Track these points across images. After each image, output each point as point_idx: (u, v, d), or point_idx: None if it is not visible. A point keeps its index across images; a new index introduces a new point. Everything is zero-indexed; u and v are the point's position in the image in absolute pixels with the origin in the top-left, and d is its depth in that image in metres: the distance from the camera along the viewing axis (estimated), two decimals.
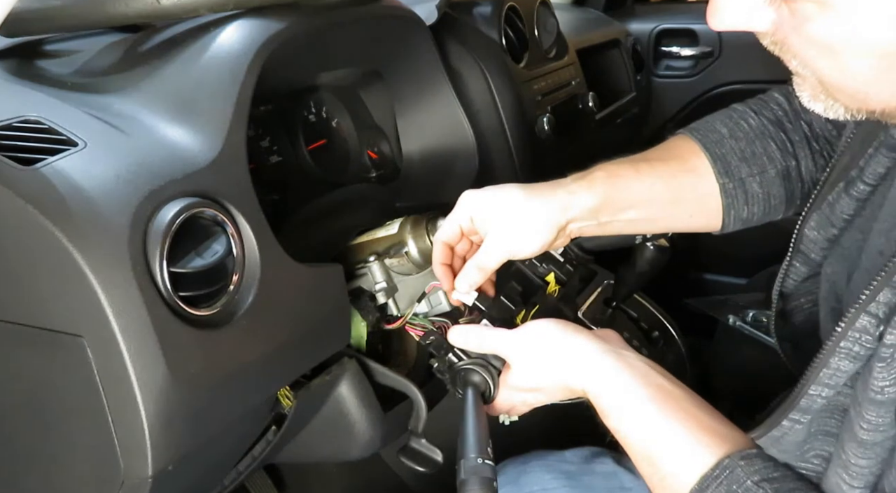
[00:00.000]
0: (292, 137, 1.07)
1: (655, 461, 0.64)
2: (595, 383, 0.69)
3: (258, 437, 0.83)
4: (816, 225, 0.75)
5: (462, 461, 0.65)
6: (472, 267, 0.78)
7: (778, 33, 0.54)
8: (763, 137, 0.83)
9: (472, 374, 0.75)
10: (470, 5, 1.26)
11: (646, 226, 0.87)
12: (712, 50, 1.84)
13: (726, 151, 0.82)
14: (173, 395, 0.62)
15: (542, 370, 0.73)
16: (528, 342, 0.73)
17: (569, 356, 0.71)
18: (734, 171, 0.82)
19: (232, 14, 0.81)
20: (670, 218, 0.84)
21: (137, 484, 0.64)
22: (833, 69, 0.51)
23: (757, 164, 0.82)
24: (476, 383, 0.75)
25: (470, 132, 1.10)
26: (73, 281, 0.59)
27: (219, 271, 0.66)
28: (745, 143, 0.83)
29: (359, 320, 0.87)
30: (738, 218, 0.84)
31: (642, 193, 0.81)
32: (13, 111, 0.68)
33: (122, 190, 0.62)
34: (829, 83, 0.53)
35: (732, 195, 0.82)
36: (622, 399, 0.67)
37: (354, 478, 1.37)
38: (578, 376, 0.70)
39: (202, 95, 0.73)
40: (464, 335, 0.76)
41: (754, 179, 0.82)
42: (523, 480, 0.90)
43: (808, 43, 0.51)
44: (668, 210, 0.83)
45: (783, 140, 0.83)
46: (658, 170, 0.82)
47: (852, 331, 0.53)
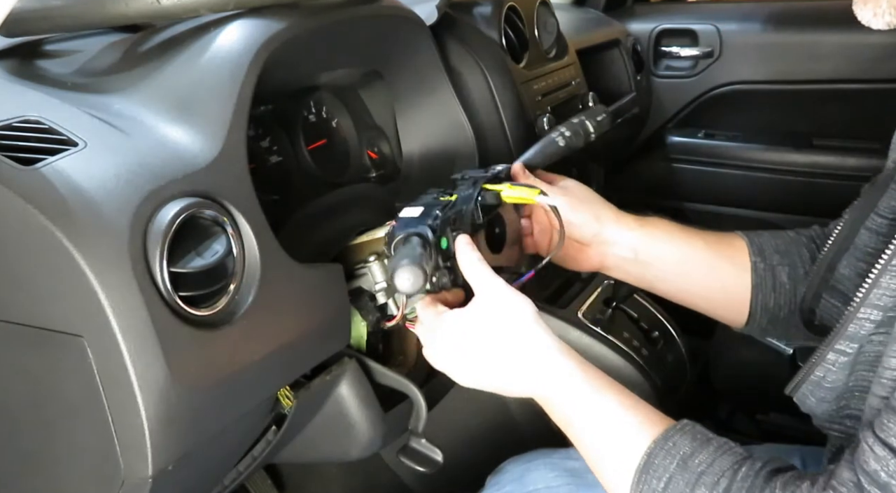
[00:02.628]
0: (292, 137, 1.07)
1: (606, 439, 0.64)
2: (553, 383, 0.68)
3: (258, 437, 0.83)
4: (848, 262, 0.75)
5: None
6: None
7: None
8: (798, 243, 0.88)
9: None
10: (470, 5, 1.26)
11: (678, 286, 0.89)
12: (712, 50, 1.84)
13: (764, 240, 0.88)
14: (173, 395, 0.62)
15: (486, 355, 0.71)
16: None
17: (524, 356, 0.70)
18: (767, 256, 0.87)
19: (232, 14, 0.81)
20: (703, 286, 0.87)
21: (137, 484, 0.64)
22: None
23: (788, 258, 0.87)
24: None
25: (470, 132, 1.10)
26: (73, 281, 0.59)
27: (219, 271, 0.66)
28: (781, 241, 0.88)
29: (359, 320, 0.87)
30: (765, 307, 0.86)
31: (682, 241, 0.87)
32: (13, 111, 0.68)
33: (122, 190, 0.62)
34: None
35: (762, 276, 0.86)
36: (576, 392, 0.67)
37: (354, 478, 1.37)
38: (536, 377, 0.69)
39: (202, 95, 0.73)
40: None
41: (784, 270, 0.86)
42: (527, 478, 0.90)
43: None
44: (702, 272, 0.86)
45: (814, 250, 0.88)
46: (700, 233, 0.88)
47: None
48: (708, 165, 1.90)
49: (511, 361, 0.69)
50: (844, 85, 1.71)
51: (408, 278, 0.68)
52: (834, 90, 1.73)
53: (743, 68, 1.81)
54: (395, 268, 0.68)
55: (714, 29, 1.84)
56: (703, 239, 0.88)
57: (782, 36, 1.78)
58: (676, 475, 0.57)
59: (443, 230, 0.75)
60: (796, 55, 1.74)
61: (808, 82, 1.74)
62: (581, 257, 0.89)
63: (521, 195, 0.78)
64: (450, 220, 0.76)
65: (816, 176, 1.76)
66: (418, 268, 0.68)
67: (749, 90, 1.83)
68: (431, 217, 0.75)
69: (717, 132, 1.92)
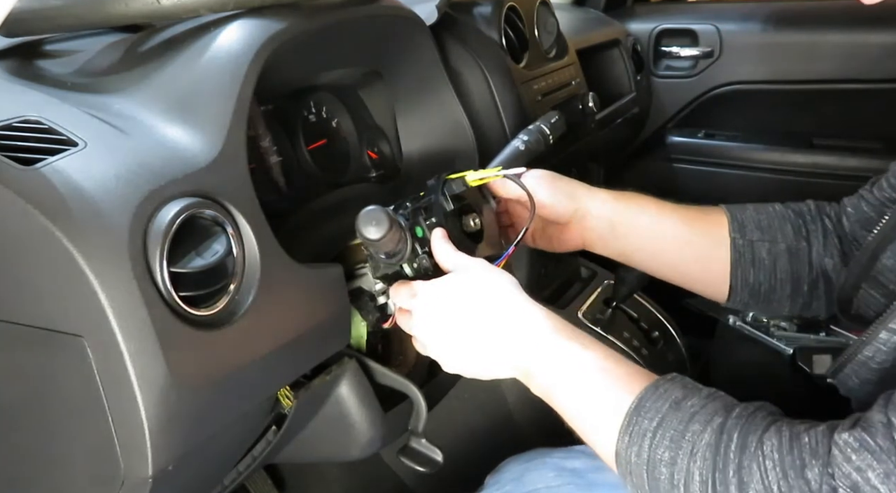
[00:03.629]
0: (292, 137, 1.07)
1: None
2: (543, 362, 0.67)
3: (258, 437, 0.83)
4: (892, 253, 0.73)
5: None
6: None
7: None
8: (782, 218, 0.88)
9: None
10: (470, 5, 1.26)
11: (656, 258, 0.90)
12: (712, 50, 1.84)
13: (746, 217, 0.87)
14: (173, 395, 0.62)
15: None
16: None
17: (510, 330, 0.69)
18: (747, 232, 0.86)
19: (232, 14, 0.81)
20: (679, 258, 0.88)
21: (137, 484, 0.64)
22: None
23: (769, 233, 0.86)
24: None
25: (470, 132, 1.10)
26: (73, 281, 0.59)
27: (219, 271, 0.66)
28: (764, 216, 0.88)
29: (359, 320, 0.87)
30: (745, 281, 0.86)
31: (656, 214, 0.87)
32: (13, 111, 0.68)
33: (123, 190, 0.62)
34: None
35: (740, 252, 0.86)
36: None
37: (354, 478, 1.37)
38: (523, 353, 0.68)
39: (202, 95, 0.73)
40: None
41: (763, 245, 0.86)
42: (527, 478, 0.90)
43: None
44: (678, 245, 0.87)
45: (799, 225, 0.87)
46: (678, 209, 0.88)
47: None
48: (708, 165, 1.90)
49: (492, 324, 0.69)
50: (844, 85, 1.71)
51: (371, 219, 0.70)
52: (834, 90, 1.73)
53: (743, 68, 1.81)
54: (358, 216, 0.71)
55: (714, 29, 1.84)
56: (678, 213, 0.88)
57: (782, 36, 1.78)
58: (669, 414, 0.56)
59: (415, 219, 0.78)
60: (796, 55, 1.74)
61: (808, 82, 1.74)
62: (563, 237, 0.90)
63: (485, 176, 0.81)
64: (420, 209, 0.78)
65: (816, 176, 1.76)
66: (381, 212, 0.70)
67: (749, 90, 1.83)
68: (402, 208, 0.79)
69: (717, 132, 1.92)
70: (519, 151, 0.91)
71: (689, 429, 0.54)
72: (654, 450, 0.55)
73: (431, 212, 0.78)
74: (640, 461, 0.56)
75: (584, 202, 0.88)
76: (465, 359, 0.72)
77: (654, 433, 0.56)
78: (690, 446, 0.53)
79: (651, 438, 0.56)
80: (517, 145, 0.91)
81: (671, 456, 0.54)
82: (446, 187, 0.80)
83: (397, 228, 0.72)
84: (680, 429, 0.55)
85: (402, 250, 0.76)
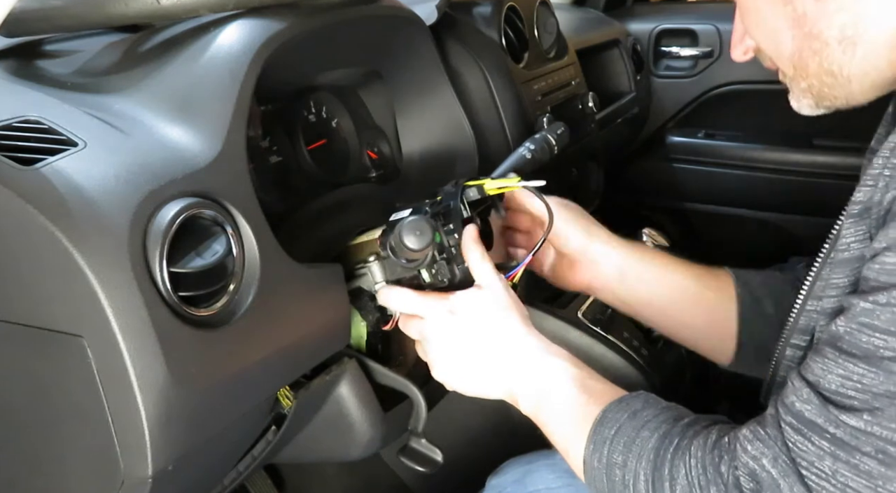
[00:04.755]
0: (292, 137, 1.07)
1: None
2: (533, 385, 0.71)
3: (258, 437, 0.83)
4: None
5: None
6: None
7: None
8: (784, 281, 0.87)
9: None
10: (470, 5, 1.26)
11: (664, 313, 0.89)
12: (712, 50, 1.84)
13: (750, 277, 0.87)
14: (173, 395, 0.62)
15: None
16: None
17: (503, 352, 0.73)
18: (753, 289, 0.86)
19: (232, 14, 0.81)
20: (688, 313, 0.87)
21: (137, 484, 0.64)
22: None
23: (774, 291, 0.86)
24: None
25: (470, 132, 1.09)
26: (72, 281, 0.59)
27: (219, 271, 0.66)
28: (767, 277, 0.88)
29: (359, 320, 0.87)
30: (752, 337, 0.85)
31: (668, 266, 0.87)
32: (13, 111, 0.68)
33: (122, 190, 0.62)
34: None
35: (748, 307, 0.85)
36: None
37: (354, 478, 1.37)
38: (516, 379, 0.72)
39: (202, 95, 0.73)
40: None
41: (770, 301, 0.85)
42: (528, 479, 0.90)
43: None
44: (688, 299, 0.86)
45: (799, 287, 0.88)
46: (686, 264, 0.88)
47: None
48: (708, 165, 1.90)
49: (492, 350, 0.73)
50: None
51: (416, 229, 0.71)
52: None
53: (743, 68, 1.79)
54: (402, 224, 0.71)
55: (714, 29, 1.84)
56: (688, 267, 0.88)
57: None
58: (626, 423, 0.60)
59: (433, 226, 0.77)
60: None
61: None
62: (570, 274, 0.90)
63: (504, 186, 0.80)
64: (438, 215, 0.78)
65: (816, 176, 1.76)
66: (425, 222, 0.71)
67: (749, 90, 1.83)
68: (420, 213, 0.78)
69: (717, 132, 1.92)
70: (525, 159, 0.91)
71: (640, 435, 0.59)
72: (611, 455, 0.60)
73: (449, 218, 0.77)
74: (600, 466, 0.61)
75: (596, 243, 0.88)
76: (459, 374, 0.76)
77: (611, 440, 0.60)
78: (639, 450, 0.58)
79: (609, 444, 0.60)
80: (523, 153, 0.91)
81: (623, 459, 0.59)
82: (464, 194, 0.79)
83: None
84: (632, 436, 0.59)
85: (423, 256, 0.76)
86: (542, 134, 0.95)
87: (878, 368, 0.47)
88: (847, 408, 0.48)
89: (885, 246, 0.49)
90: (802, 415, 0.50)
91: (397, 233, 0.72)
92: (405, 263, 0.76)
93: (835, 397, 0.49)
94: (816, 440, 0.49)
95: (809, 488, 0.48)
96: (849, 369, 0.49)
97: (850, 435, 0.47)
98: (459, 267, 0.77)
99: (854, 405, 0.48)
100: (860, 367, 0.48)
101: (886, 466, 0.46)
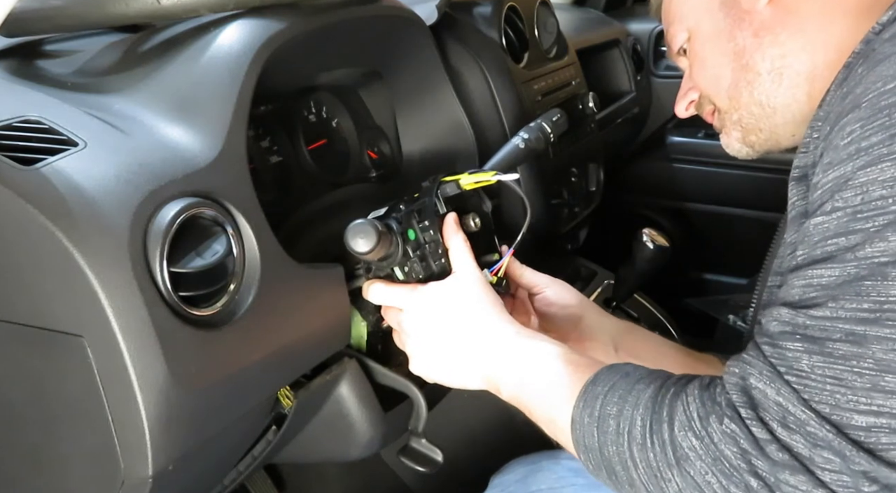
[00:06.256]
0: (292, 137, 1.07)
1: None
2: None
3: (258, 437, 0.83)
4: None
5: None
6: None
7: None
8: None
9: None
10: (470, 5, 1.26)
11: None
12: None
13: None
14: (173, 395, 0.62)
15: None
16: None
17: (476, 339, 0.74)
18: None
19: (232, 14, 0.81)
20: None
21: (138, 484, 0.64)
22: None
23: None
24: None
25: (470, 132, 1.10)
26: (73, 281, 0.59)
27: (219, 271, 0.66)
28: None
29: (359, 320, 0.87)
30: None
31: (659, 341, 0.89)
32: (13, 111, 0.68)
33: (123, 190, 0.62)
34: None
35: None
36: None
37: (354, 478, 1.37)
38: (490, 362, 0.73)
39: (202, 95, 0.73)
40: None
41: None
42: (532, 479, 0.90)
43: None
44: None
45: None
46: (677, 346, 0.90)
47: None
48: (708, 165, 1.90)
49: (466, 339, 0.73)
50: None
51: (359, 232, 0.72)
52: None
53: None
54: (346, 229, 0.73)
55: None
56: (677, 347, 0.89)
57: None
58: (619, 380, 0.61)
59: (408, 222, 0.78)
60: None
61: None
62: None
63: (479, 180, 0.80)
64: (413, 212, 0.78)
65: None
66: (369, 225, 0.72)
67: None
68: (395, 211, 0.80)
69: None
70: (518, 149, 0.90)
71: (636, 388, 0.60)
72: (604, 407, 0.60)
73: (424, 215, 0.78)
74: (591, 421, 0.61)
75: (591, 316, 0.89)
76: (435, 365, 0.76)
77: (605, 395, 0.61)
78: (635, 399, 0.59)
79: (602, 398, 0.61)
80: (517, 143, 0.90)
81: (618, 410, 0.59)
82: (440, 190, 0.80)
83: (385, 238, 0.74)
84: (627, 388, 0.60)
85: (393, 254, 0.77)
86: (536, 122, 0.93)
87: (833, 263, 0.50)
88: (811, 306, 0.51)
89: (821, 174, 0.53)
90: (773, 330, 0.53)
91: (345, 238, 0.73)
92: (376, 261, 0.78)
93: (800, 303, 0.52)
94: (790, 344, 0.51)
95: (795, 389, 0.50)
96: (808, 275, 0.52)
97: (819, 328, 0.50)
98: (436, 263, 0.77)
99: (817, 301, 0.51)
100: (818, 270, 0.51)
101: (857, 344, 0.48)
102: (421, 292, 0.76)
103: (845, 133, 0.51)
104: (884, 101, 0.50)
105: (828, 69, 0.64)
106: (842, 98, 0.55)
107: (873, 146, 0.49)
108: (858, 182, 0.50)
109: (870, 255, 0.48)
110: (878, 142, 0.49)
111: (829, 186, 0.52)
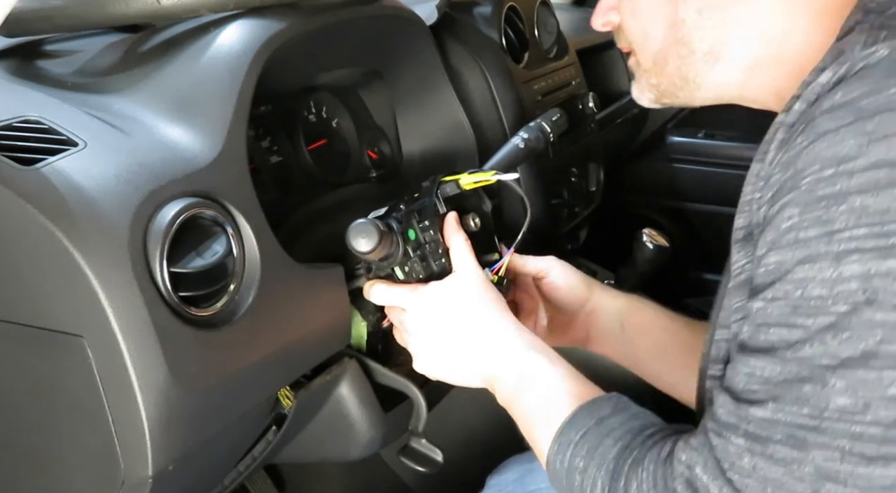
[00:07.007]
0: (292, 137, 1.07)
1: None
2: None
3: (258, 437, 0.83)
4: None
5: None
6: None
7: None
8: None
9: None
10: (470, 5, 1.26)
11: (661, 361, 0.88)
12: None
13: None
14: (173, 395, 0.62)
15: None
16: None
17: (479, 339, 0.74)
18: None
19: (232, 14, 0.81)
20: (686, 367, 0.82)
21: (138, 484, 0.64)
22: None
23: None
24: None
25: (470, 132, 1.10)
26: (73, 281, 0.59)
27: (219, 271, 0.66)
28: None
29: (359, 320, 0.87)
30: None
31: (666, 317, 0.87)
32: (13, 111, 0.68)
33: (123, 190, 0.62)
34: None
35: None
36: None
37: (354, 478, 1.37)
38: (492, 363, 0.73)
39: (202, 95, 0.73)
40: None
41: None
42: (528, 478, 0.90)
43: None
44: (684, 351, 0.84)
45: None
46: (684, 319, 0.87)
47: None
48: (708, 165, 1.90)
49: (469, 337, 0.73)
50: None
51: (361, 232, 0.72)
52: None
53: None
54: (348, 229, 0.73)
55: None
56: (686, 322, 0.87)
57: None
58: (592, 429, 0.61)
59: (408, 222, 0.78)
60: None
61: None
62: (568, 330, 0.89)
63: (479, 180, 0.80)
64: (413, 212, 0.79)
65: None
66: (371, 225, 0.72)
67: None
68: (395, 211, 0.80)
69: (717, 132, 1.91)
70: (518, 149, 0.90)
71: (603, 443, 0.60)
72: (573, 459, 0.61)
73: (425, 214, 0.78)
74: (562, 468, 0.62)
75: (596, 294, 0.88)
76: (437, 363, 0.76)
77: (575, 444, 0.61)
78: (600, 458, 0.59)
79: (573, 448, 0.61)
80: (516, 143, 0.90)
81: (584, 465, 0.60)
82: (440, 190, 0.80)
83: (387, 237, 0.74)
84: (596, 443, 0.60)
85: (393, 254, 0.77)
86: (536, 122, 0.93)
87: (774, 357, 0.50)
88: (754, 402, 0.51)
89: (765, 250, 0.52)
90: (720, 418, 0.53)
91: (346, 238, 0.73)
92: (377, 261, 0.78)
93: (743, 394, 0.52)
94: (734, 438, 0.51)
95: (736, 489, 0.50)
96: (751, 364, 0.52)
97: (761, 427, 0.50)
98: (437, 263, 0.77)
99: (759, 398, 0.51)
100: (760, 361, 0.51)
101: (798, 449, 0.48)
102: (423, 292, 0.76)
103: (784, 216, 0.50)
104: (820, 190, 0.48)
105: (768, 64, 0.61)
106: (783, 167, 0.52)
107: (811, 240, 0.48)
108: (798, 277, 0.49)
109: (809, 356, 0.48)
110: (816, 237, 0.48)
111: (772, 268, 0.51)
